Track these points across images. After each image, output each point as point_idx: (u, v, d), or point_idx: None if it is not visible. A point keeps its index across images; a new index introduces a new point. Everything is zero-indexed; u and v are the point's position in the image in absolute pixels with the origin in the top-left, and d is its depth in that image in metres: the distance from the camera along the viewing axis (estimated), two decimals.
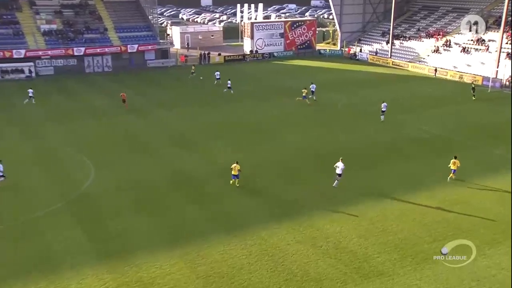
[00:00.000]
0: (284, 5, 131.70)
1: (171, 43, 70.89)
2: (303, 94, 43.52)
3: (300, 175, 27.59)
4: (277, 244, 20.34)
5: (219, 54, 70.18)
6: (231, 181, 25.94)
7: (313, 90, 44.54)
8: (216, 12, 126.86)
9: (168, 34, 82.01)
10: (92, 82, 54.18)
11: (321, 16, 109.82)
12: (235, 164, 25.57)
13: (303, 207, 23.63)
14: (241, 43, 78.58)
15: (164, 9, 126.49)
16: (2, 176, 25.75)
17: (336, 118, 39.57)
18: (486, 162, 29.41)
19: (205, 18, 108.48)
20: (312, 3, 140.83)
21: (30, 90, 44.39)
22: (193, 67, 58.33)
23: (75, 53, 59.13)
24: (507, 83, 50.06)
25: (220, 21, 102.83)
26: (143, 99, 45.89)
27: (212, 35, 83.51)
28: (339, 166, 25.34)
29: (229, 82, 48.47)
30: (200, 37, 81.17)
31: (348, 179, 26.65)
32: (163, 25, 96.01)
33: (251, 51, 72.48)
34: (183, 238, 20.83)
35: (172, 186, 26.05)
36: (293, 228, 21.65)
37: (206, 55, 68.57)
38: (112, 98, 45.31)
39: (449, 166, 26.28)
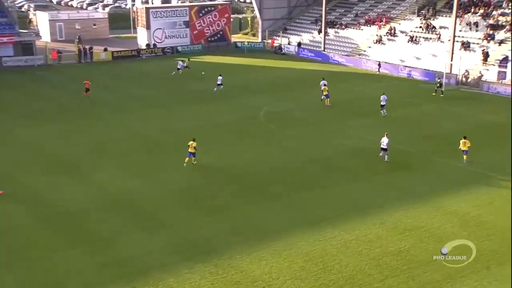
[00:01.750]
0: None
1: (37, 34, 68.32)
2: (324, 93, 45.36)
3: (215, 203, 27.61)
4: None
5: (105, 50, 68.82)
6: (186, 159, 30.95)
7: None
8: None
9: (32, 21, 78.96)
10: None
11: (236, 0, 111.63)
12: (191, 142, 31.30)
13: (221, 243, 23.50)
14: (134, 35, 77.67)
15: None
16: None
17: (259, 128, 40.03)
18: (445, 178, 30.95)
19: (83, 1, 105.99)
20: None
21: None
22: (187, 61, 60.28)
23: None
24: (464, 79, 53.61)
25: (105, 6, 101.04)
26: None
27: (94, 24, 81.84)
28: (384, 141, 32.20)
29: (219, 78, 50.90)
30: (77, 27, 79.16)
31: (277, 205, 27.11)
32: (22, 9, 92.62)
33: (147, 45, 71.79)
34: None
35: (45, 226, 25.20)
36: (209, 271, 21.44)
37: (88, 51, 66.90)
38: None
39: (459, 148, 31.14)
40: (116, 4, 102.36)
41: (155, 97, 49.48)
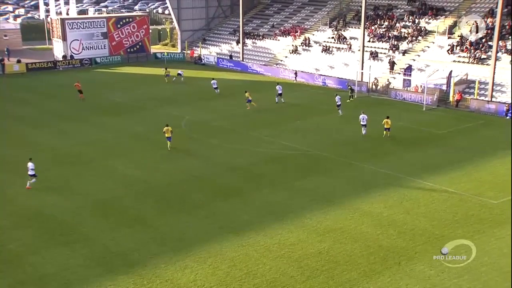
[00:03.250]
0: None
1: None
2: (248, 98, 46.54)
3: (135, 214, 27.45)
4: None
5: (19, 61, 66.48)
6: (168, 143, 36.20)
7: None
8: (8, 4, 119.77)
9: None
10: None
11: (155, 11, 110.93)
12: (166, 127, 35.89)
13: (144, 254, 23.37)
14: (50, 46, 75.47)
15: None
16: None
17: (180, 138, 40.01)
18: (358, 180, 32.24)
19: None
20: None
21: None
22: (166, 69, 61.12)
23: None
24: (374, 86, 55.90)
25: (16, 16, 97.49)
26: None
27: (5, 35, 79.03)
28: (364, 117, 39.23)
29: (214, 82, 53.34)
30: None
31: (199, 214, 27.32)
32: None
33: (64, 56, 69.95)
34: None
35: None
36: (133, 282, 21.31)
37: (0, 63, 64.35)
38: None
39: (383, 124, 38.22)
40: (29, 15, 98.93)
41: (72, 110, 48.33)
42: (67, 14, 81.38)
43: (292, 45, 69.00)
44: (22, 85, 58.47)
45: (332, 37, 66.86)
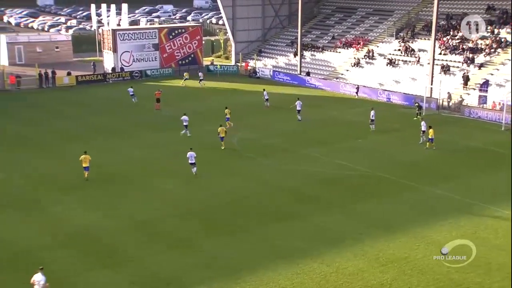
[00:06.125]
0: (157, 7, 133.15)
1: None
2: (227, 116, 45.97)
3: (181, 237, 27.43)
4: None
5: (69, 74, 68.40)
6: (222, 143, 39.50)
7: (299, 108, 49.31)
8: (60, 15, 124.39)
9: None
10: None
11: (208, 21, 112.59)
12: (221, 128, 40.42)
13: (191, 278, 23.22)
14: (100, 58, 77.50)
15: None
16: None
17: (231, 156, 39.99)
18: (423, 205, 31.26)
19: (45, 23, 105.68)
20: (195, 3, 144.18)
21: None
22: (185, 74, 66.28)
23: None
24: (445, 103, 54.46)
25: (68, 28, 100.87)
26: None
27: (57, 47, 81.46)
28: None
29: (265, 92, 54.77)
30: (39, 50, 78.69)
31: (251, 238, 27.07)
32: None
33: (114, 68, 71.63)
34: None
35: None
36: None
37: (50, 75, 66.38)
38: None
39: (426, 134, 39.67)
40: (81, 26, 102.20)
41: (118, 125, 48.95)
42: (119, 25, 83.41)
43: (354, 58, 68.34)
44: (70, 98, 60.03)
45: (399, 49, 65.82)
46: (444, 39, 63.01)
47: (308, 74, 68.56)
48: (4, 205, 31.19)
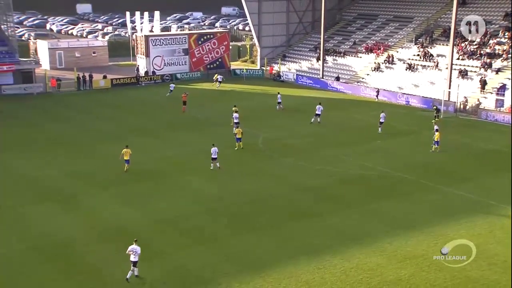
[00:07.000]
0: (187, 14, 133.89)
1: (37, 63, 68.75)
2: (234, 114, 45.56)
3: (210, 232, 27.54)
4: None
5: (105, 77, 69.11)
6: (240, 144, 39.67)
7: (319, 112, 48.22)
8: (98, 22, 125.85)
9: (33, 51, 79.74)
10: None
11: (235, 28, 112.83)
12: (238, 129, 39.75)
13: (217, 272, 23.28)
14: (134, 63, 78.15)
15: (25, 16, 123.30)
16: None
17: (256, 156, 40.02)
18: (441, 204, 30.96)
19: (83, 30, 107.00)
20: (223, 10, 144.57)
21: None
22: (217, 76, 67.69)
23: None
24: (462, 106, 53.79)
25: (104, 34, 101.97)
26: None
27: (94, 52, 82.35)
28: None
29: (279, 96, 54.97)
30: (77, 55, 79.66)
31: (275, 234, 27.06)
32: (23, 38, 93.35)
33: (146, 72, 72.21)
34: None
35: (37, 255, 24.87)
36: None
37: (87, 78, 67.19)
38: None
39: (433, 138, 38.85)
40: (116, 32, 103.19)
41: (150, 124, 49.29)
42: (151, 31, 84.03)
43: (375, 63, 67.84)
44: (105, 100, 60.62)
45: (418, 54, 65.15)
46: (462, 44, 62.18)
47: (337, 79, 68.16)
48: (44, 199, 31.65)
